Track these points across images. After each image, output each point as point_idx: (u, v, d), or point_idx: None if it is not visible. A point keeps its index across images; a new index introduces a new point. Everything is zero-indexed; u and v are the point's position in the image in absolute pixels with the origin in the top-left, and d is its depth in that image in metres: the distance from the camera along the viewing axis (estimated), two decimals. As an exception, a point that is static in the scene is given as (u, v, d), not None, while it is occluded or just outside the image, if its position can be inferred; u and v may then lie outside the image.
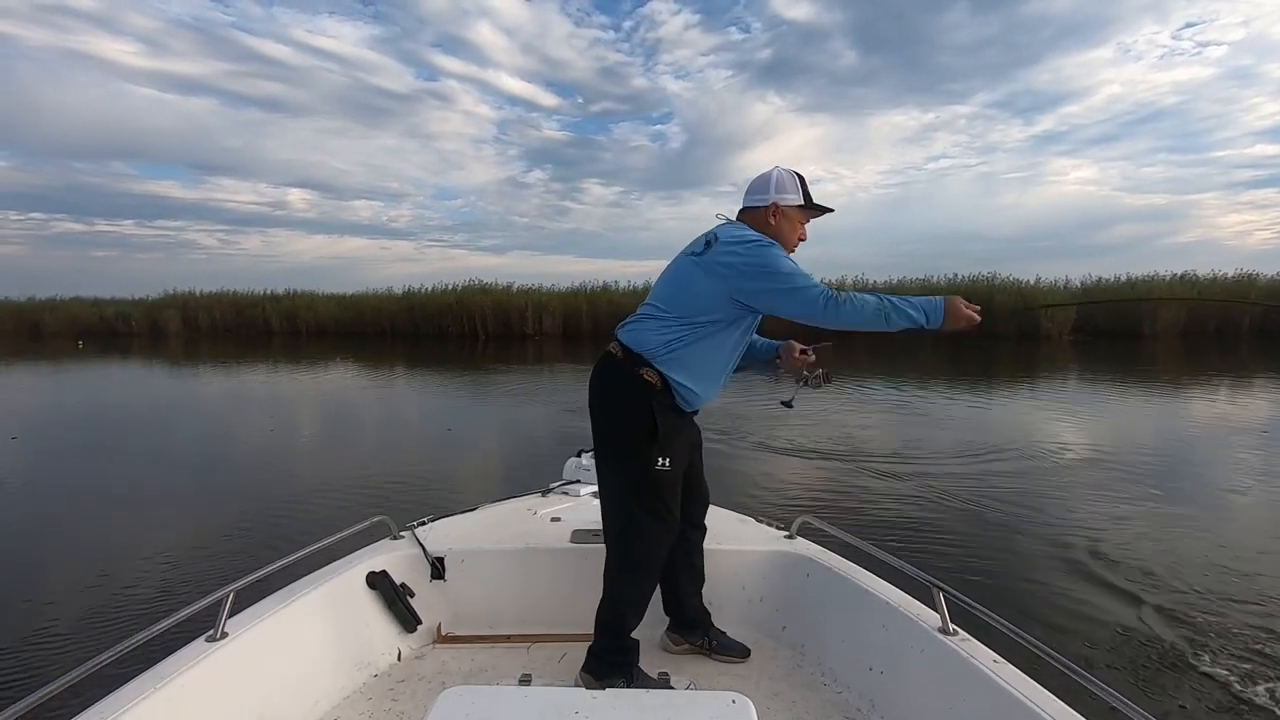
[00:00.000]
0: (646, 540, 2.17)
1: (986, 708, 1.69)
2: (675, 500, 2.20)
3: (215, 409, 12.00)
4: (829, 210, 2.29)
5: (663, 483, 2.14)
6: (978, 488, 6.25)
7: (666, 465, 2.12)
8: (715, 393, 2.22)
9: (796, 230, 2.25)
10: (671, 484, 2.17)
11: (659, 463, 2.11)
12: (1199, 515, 5.38)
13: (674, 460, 2.14)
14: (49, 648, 3.47)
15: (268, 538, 5.01)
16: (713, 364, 2.17)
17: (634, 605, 2.21)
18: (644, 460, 2.10)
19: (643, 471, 2.11)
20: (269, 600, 2.14)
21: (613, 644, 2.19)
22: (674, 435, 2.14)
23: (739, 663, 2.37)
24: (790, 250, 2.20)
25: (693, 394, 2.14)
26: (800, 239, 2.27)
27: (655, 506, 2.15)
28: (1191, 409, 10.54)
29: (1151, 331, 24.09)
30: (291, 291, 34.52)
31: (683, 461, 2.23)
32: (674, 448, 2.14)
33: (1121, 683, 3.08)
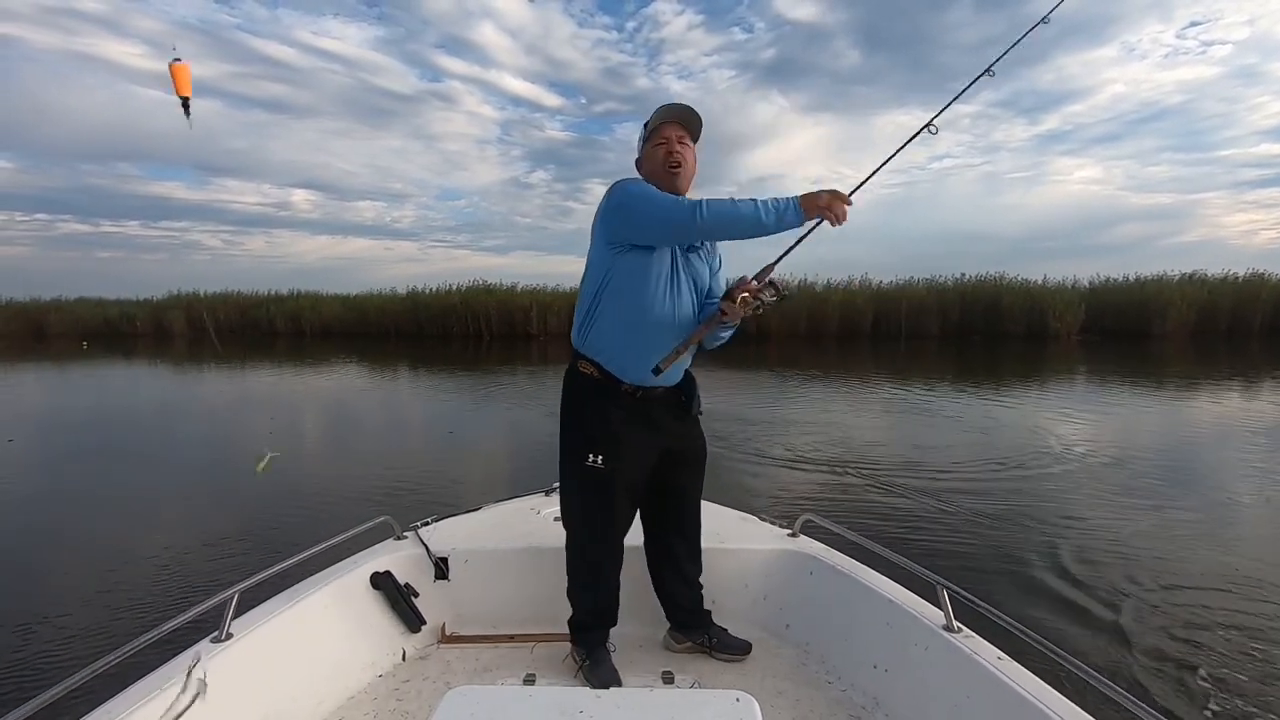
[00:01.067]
0: (574, 541, 2.26)
1: (991, 705, 1.69)
2: (609, 507, 2.16)
3: (218, 410, 12.00)
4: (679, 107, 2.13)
5: (591, 483, 2.11)
6: (982, 486, 6.24)
7: (597, 463, 2.08)
8: (653, 355, 2.05)
9: (656, 159, 2.12)
10: (603, 486, 2.11)
11: (588, 459, 2.08)
12: (1206, 517, 5.35)
13: (610, 459, 2.08)
14: (56, 649, 3.48)
15: (272, 539, 5.02)
16: (634, 323, 2.07)
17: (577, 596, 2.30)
18: (572, 455, 2.13)
19: (571, 468, 2.14)
20: (274, 601, 2.15)
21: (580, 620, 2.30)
22: (600, 427, 2.10)
23: (741, 660, 2.37)
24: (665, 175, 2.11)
25: (622, 362, 2.09)
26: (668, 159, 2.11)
27: (579, 507, 2.19)
28: (1200, 410, 10.43)
29: (1161, 331, 23.86)
30: (296, 292, 34.56)
31: (630, 465, 2.14)
32: (608, 444, 2.08)
33: (1126, 679, 3.07)
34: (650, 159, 2.15)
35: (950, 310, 25.63)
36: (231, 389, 14.80)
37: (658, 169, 2.13)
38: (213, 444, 8.92)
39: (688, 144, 2.16)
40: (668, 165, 2.11)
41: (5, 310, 36.22)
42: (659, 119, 2.13)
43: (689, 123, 2.15)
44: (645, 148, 2.18)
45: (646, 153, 2.17)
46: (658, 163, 2.13)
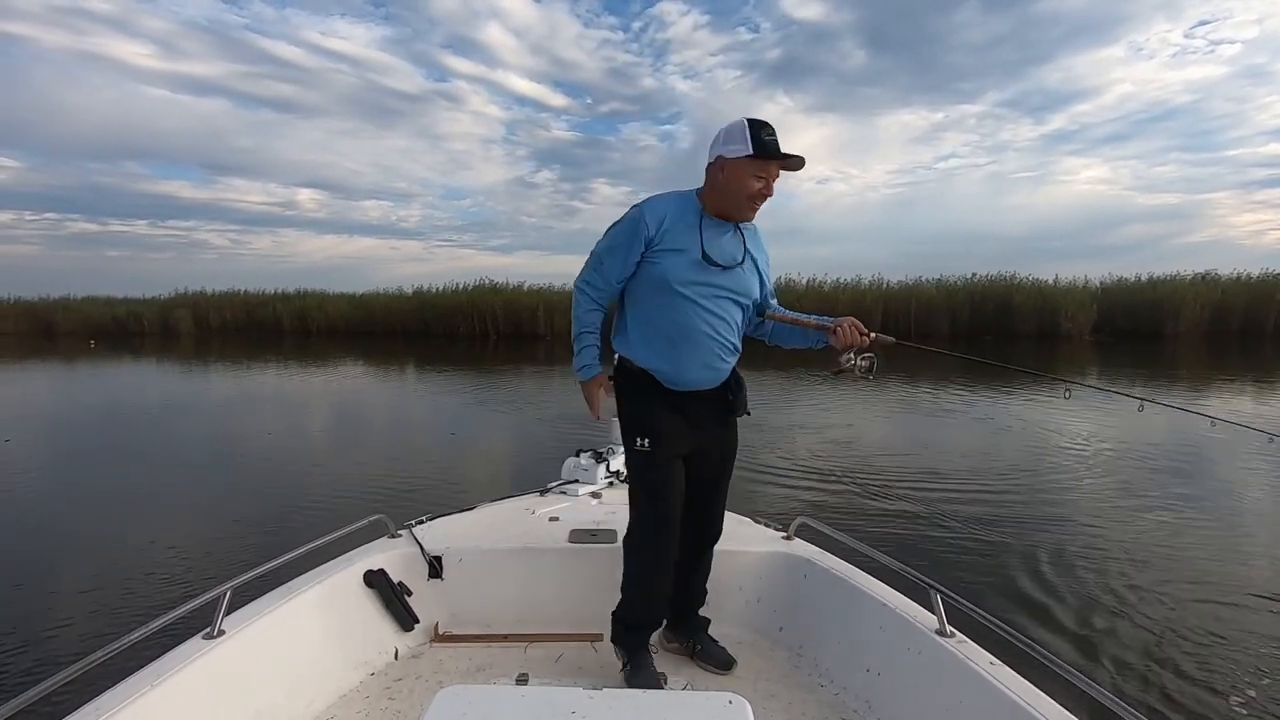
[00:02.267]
0: (639, 523, 2.22)
1: (983, 709, 1.68)
2: (664, 484, 2.16)
3: (221, 408, 12.05)
4: (789, 158, 2.04)
5: (641, 464, 2.16)
6: (980, 489, 6.22)
7: (644, 446, 2.12)
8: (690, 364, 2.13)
9: (748, 184, 2.03)
10: (654, 466, 2.15)
11: (636, 443, 2.14)
12: (1210, 523, 5.31)
13: (655, 443, 2.12)
14: (46, 644, 3.48)
15: (265, 536, 5.03)
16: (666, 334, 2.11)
17: (635, 588, 2.24)
18: (627, 438, 2.19)
19: (628, 450, 2.20)
20: (266, 598, 2.14)
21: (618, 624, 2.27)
22: (652, 417, 2.14)
23: (723, 674, 2.31)
24: (746, 205, 2.08)
25: (658, 369, 2.14)
26: (761, 193, 2.07)
27: (640, 487, 2.20)
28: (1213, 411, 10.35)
29: (1174, 331, 23.72)
30: (302, 291, 34.72)
31: (671, 447, 2.16)
32: (654, 430, 2.12)
33: (1118, 685, 3.05)
34: (740, 181, 2.04)
35: (960, 310, 25.59)
36: (235, 388, 14.87)
37: (745, 196, 2.06)
38: (211, 442, 8.94)
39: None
40: (754, 202, 2.09)
41: (14, 309, 36.50)
42: (773, 151, 2.01)
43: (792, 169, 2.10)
44: (741, 161, 2.02)
45: (740, 172, 2.03)
46: (751, 192, 2.05)
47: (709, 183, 2.11)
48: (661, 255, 2.07)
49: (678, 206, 2.11)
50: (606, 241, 2.16)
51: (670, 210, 2.09)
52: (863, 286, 27.32)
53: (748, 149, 1.99)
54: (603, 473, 3.43)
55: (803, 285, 27.78)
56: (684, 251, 2.07)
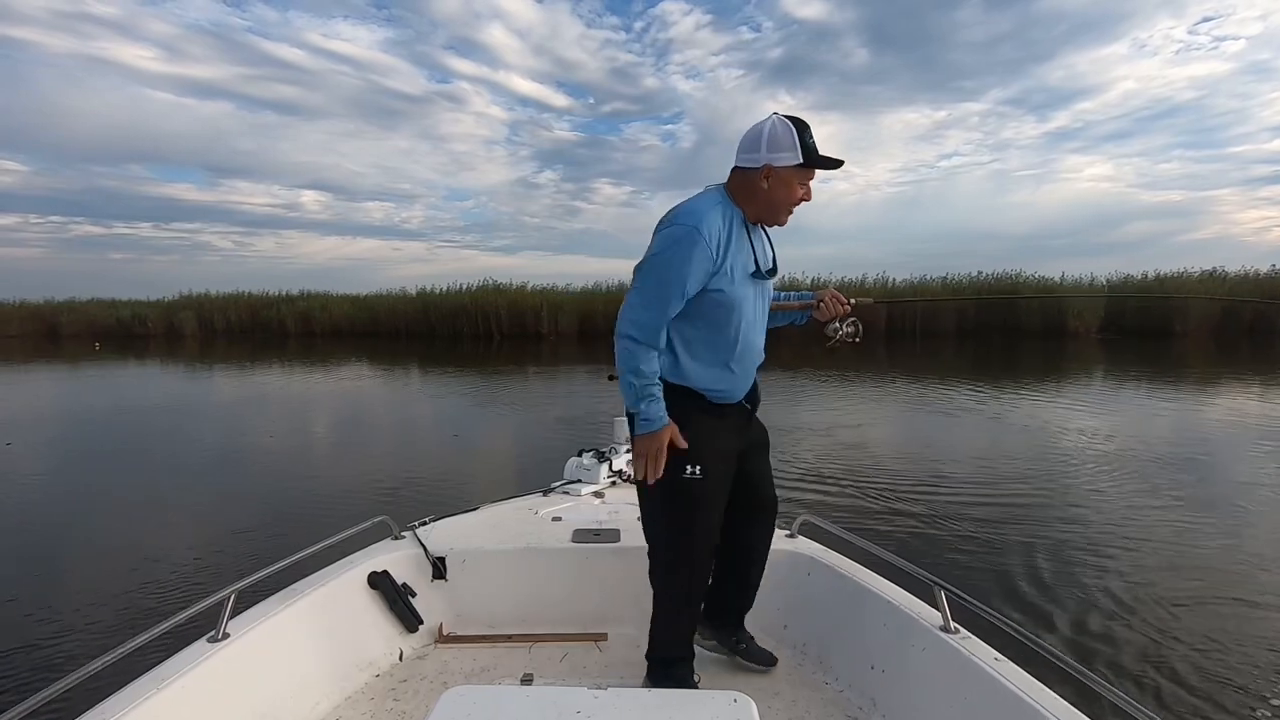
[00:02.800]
0: (675, 550, 2.10)
1: (988, 706, 1.68)
2: (706, 511, 2.07)
3: (224, 411, 12.07)
4: (837, 163, 1.95)
5: (688, 493, 2.02)
6: (982, 487, 6.21)
7: (695, 474, 1.99)
8: (746, 381, 2.09)
9: (794, 192, 1.95)
10: (701, 496, 2.03)
11: (685, 470, 1.99)
12: (1217, 521, 5.27)
13: (706, 471, 2.00)
14: (52, 648, 3.49)
15: (269, 539, 5.04)
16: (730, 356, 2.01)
17: (671, 613, 2.15)
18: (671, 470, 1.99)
19: (668, 481, 1.99)
20: (270, 601, 2.15)
21: (657, 653, 2.18)
22: (701, 441, 2.00)
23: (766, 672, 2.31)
24: (786, 212, 2.01)
25: (718, 392, 2.03)
26: (802, 199, 1.99)
27: (677, 525, 2.06)
28: (1217, 410, 10.26)
29: (1182, 329, 23.56)
30: (306, 292, 34.77)
31: (723, 474, 2.08)
32: (702, 456, 2.00)
33: (1123, 680, 3.05)
34: (784, 189, 1.94)
35: (966, 308, 25.50)
36: (240, 390, 14.89)
37: (784, 203, 1.97)
38: (215, 445, 8.96)
39: None
40: (792, 210, 2.02)
41: (19, 311, 36.67)
42: (818, 159, 1.93)
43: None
44: (790, 170, 1.92)
45: (783, 176, 1.92)
46: (790, 198, 1.97)
47: (747, 188, 1.95)
48: (724, 274, 1.90)
49: (723, 216, 1.92)
50: (660, 273, 1.88)
51: (719, 223, 1.90)
52: (868, 285, 27.25)
53: (798, 158, 1.89)
54: (605, 472, 3.43)
55: (807, 284, 27.74)
56: (742, 267, 1.95)
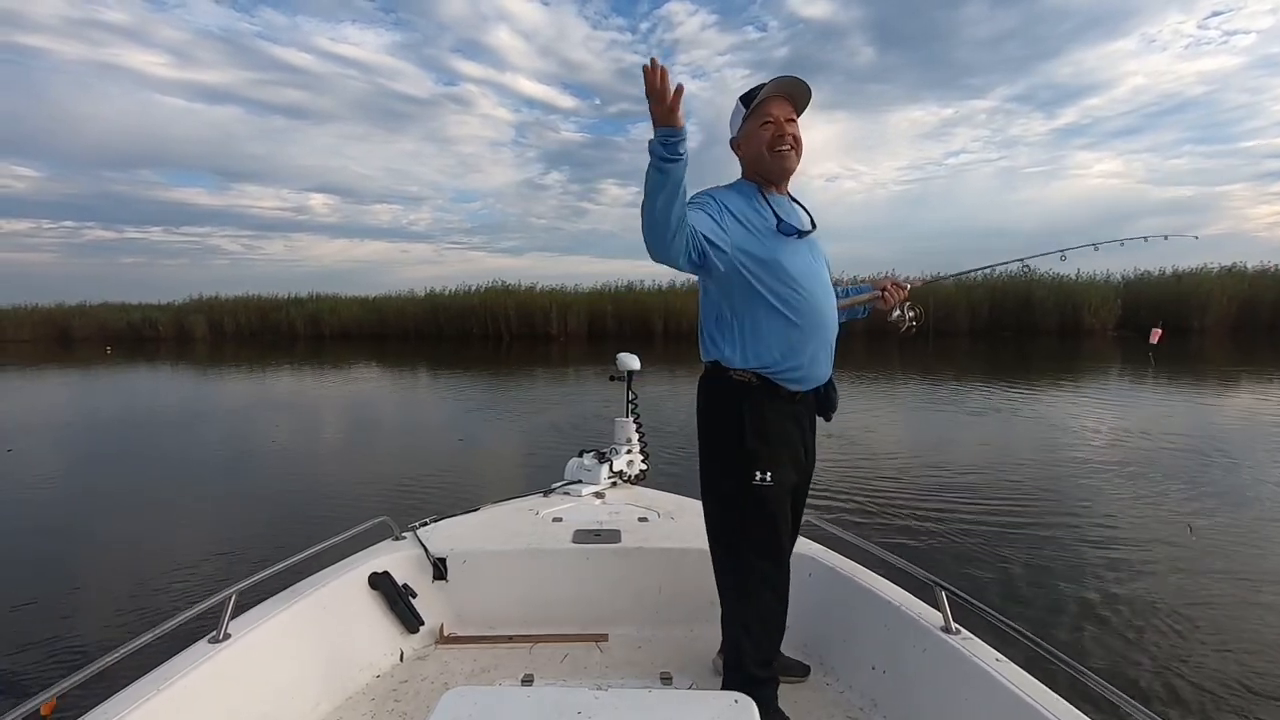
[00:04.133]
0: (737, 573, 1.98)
1: (989, 706, 1.67)
2: (780, 525, 1.94)
3: (231, 413, 12.11)
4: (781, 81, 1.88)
5: (758, 504, 1.89)
6: (985, 486, 6.17)
7: (766, 480, 1.86)
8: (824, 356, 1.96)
9: (758, 137, 1.90)
10: (773, 505, 1.90)
11: (756, 477, 1.86)
12: (1223, 520, 5.22)
13: (778, 474, 1.88)
14: (53, 649, 3.51)
15: (271, 539, 5.05)
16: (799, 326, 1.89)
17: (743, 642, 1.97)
18: (732, 474, 1.89)
19: (730, 489, 1.91)
20: (271, 602, 2.15)
21: (737, 677, 1.96)
22: (772, 442, 1.89)
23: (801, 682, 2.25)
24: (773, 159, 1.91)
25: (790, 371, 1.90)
26: (777, 135, 1.89)
27: (747, 534, 1.93)
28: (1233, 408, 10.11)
29: (1200, 326, 23.30)
30: (315, 295, 34.94)
31: (792, 477, 1.95)
32: (775, 458, 1.88)
33: (1124, 681, 3.03)
34: (752, 139, 1.91)
35: (979, 307, 25.28)
36: (248, 392, 14.95)
37: (761, 150, 1.90)
38: (219, 446, 9.00)
39: (795, 121, 1.93)
40: (775, 147, 1.89)
41: (32, 315, 37.00)
42: (766, 92, 1.87)
43: (797, 98, 1.92)
44: (745, 125, 1.92)
45: (747, 132, 1.92)
46: (763, 143, 1.89)
47: (743, 166, 1.99)
48: (752, 238, 1.84)
49: (733, 189, 1.94)
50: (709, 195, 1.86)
51: (728, 195, 1.89)
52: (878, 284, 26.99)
53: (743, 109, 1.92)
54: (606, 473, 3.43)
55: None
56: (767, 224, 1.88)
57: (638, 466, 3.61)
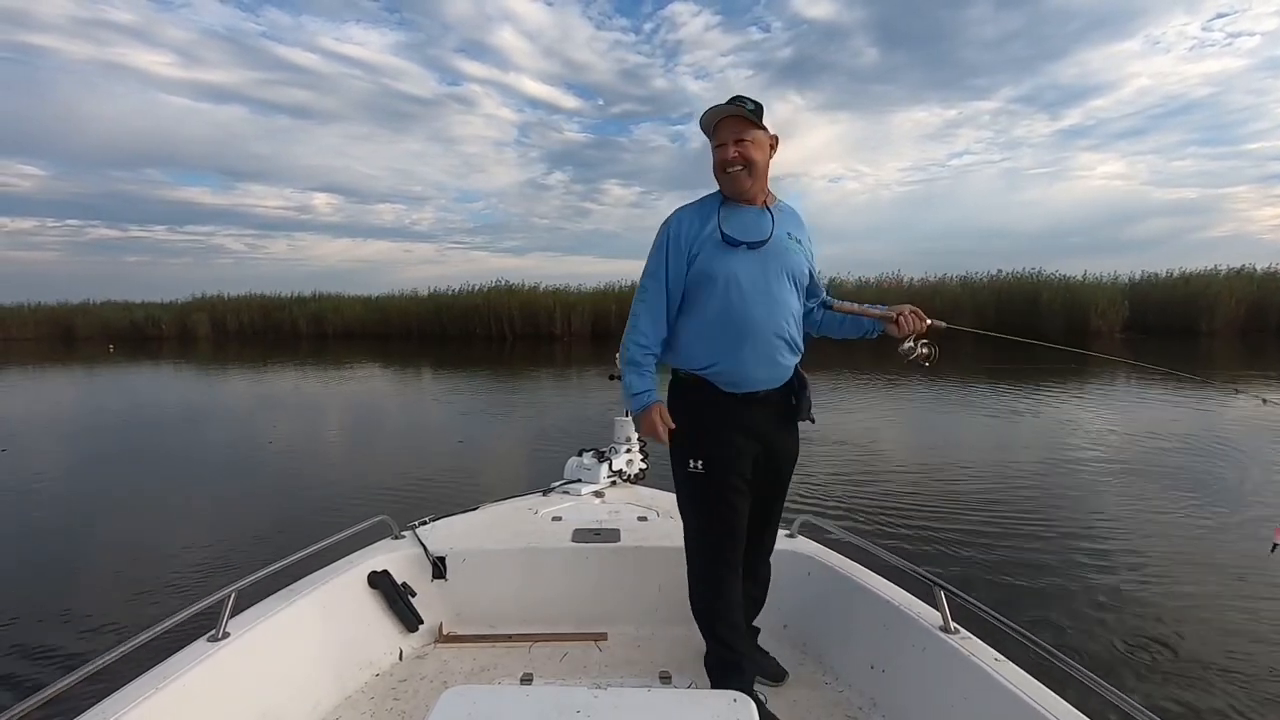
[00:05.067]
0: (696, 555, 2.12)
1: (987, 706, 1.67)
2: (719, 508, 2.03)
3: (232, 412, 12.12)
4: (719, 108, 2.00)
5: (694, 488, 2.05)
6: (982, 486, 6.16)
7: (698, 468, 2.01)
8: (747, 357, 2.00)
9: (715, 161, 2.05)
10: (707, 491, 2.03)
11: (690, 464, 2.03)
12: (1226, 521, 5.20)
13: (711, 466, 2.01)
14: (52, 648, 3.51)
15: (270, 538, 5.05)
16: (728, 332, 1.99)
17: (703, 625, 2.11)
18: (677, 461, 2.08)
19: (678, 474, 2.09)
20: (271, 600, 2.15)
21: (710, 646, 2.11)
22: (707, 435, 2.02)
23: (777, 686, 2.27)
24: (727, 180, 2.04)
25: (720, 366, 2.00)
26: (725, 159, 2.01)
27: (688, 517, 2.12)
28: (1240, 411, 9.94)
29: (1208, 328, 23.04)
30: (318, 294, 34.95)
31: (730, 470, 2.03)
32: (708, 451, 2.01)
33: (1123, 680, 3.03)
34: (714, 161, 2.06)
35: (985, 308, 25.07)
36: (248, 392, 14.95)
37: (720, 172, 2.05)
38: (220, 446, 8.99)
39: (749, 139, 2.00)
40: (725, 169, 2.03)
41: (35, 314, 37.09)
42: (712, 117, 2.02)
43: (741, 115, 2.00)
44: (712, 149, 2.08)
45: (711, 154, 2.07)
46: (718, 163, 2.04)
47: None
48: (698, 251, 2.01)
49: (698, 207, 2.09)
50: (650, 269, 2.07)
51: (692, 211, 2.08)
52: (885, 285, 26.97)
53: (707, 132, 2.07)
54: (605, 472, 3.43)
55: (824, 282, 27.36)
56: (710, 238, 2.01)
57: (637, 466, 3.61)
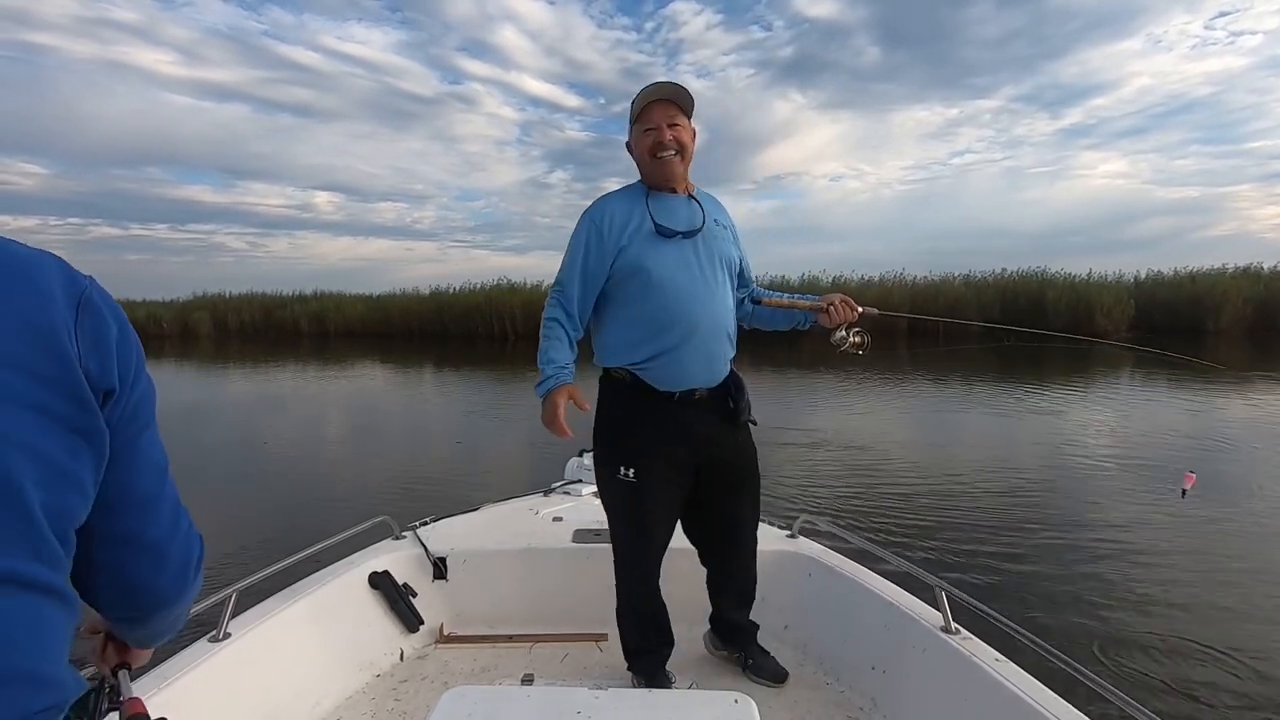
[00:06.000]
0: (622, 560, 2.14)
1: (989, 706, 1.67)
2: (642, 522, 2.05)
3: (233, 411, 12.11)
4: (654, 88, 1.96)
5: (624, 495, 2.02)
6: (983, 486, 6.14)
7: (629, 476, 1.98)
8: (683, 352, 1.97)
9: (641, 144, 1.99)
10: (636, 500, 2.02)
11: (619, 471, 2.00)
12: (1228, 523, 5.16)
13: (641, 473, 1.98)
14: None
15: (271, 539, 5.03)
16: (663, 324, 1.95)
17: (622, 617, 2.19)
18: (604, 467, 2.06)
19: (604, 481, 2.08)
20: (272, 601, 2.15)
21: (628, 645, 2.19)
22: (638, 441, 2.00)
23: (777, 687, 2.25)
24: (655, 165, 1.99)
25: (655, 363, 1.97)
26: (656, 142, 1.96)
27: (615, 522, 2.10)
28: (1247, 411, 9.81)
29: (1215, 327, 22.75)
30: (319, 292, 34.90)
31: (662, 479, 2.02)
32: (638, 459, 1.99)
33: (1124, 681, 3.02)
34: (638, 144, 2.00)
35: (990, 307, 24.73)
36: (251, 390, 14.95)
37: (647, 154, 1.98)
38: (220, 445, 8.97)
39: (681, 124, 1.97)
40: (655, 153, 1.96)
41: (38, 313, 36.95)
42: (643, 99, 1.96)
43: (679, 98, 1.97)
44: (632, 131, 2.02)
45: (635, 138, 2.01)
46: (645, 149, 1.98)
47: (637, 167, 2.07)
48: (627, 244, 1.95)
49: (623, 196, 2.04)
50: (566, 260, 2.02)
51: (617, 201, 2.02)
52: (888, 284, 26.83)
53: (631, 115, 2.02)
54: None
55: (828, 282, 27.29)
56: (640, 229, 1.96)
57: None
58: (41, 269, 0.67)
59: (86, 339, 0.66)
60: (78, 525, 0.68)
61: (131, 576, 0.78)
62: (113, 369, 0.68)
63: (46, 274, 0.67)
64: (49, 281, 0.66)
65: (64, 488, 0.65)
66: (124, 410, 0.71)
